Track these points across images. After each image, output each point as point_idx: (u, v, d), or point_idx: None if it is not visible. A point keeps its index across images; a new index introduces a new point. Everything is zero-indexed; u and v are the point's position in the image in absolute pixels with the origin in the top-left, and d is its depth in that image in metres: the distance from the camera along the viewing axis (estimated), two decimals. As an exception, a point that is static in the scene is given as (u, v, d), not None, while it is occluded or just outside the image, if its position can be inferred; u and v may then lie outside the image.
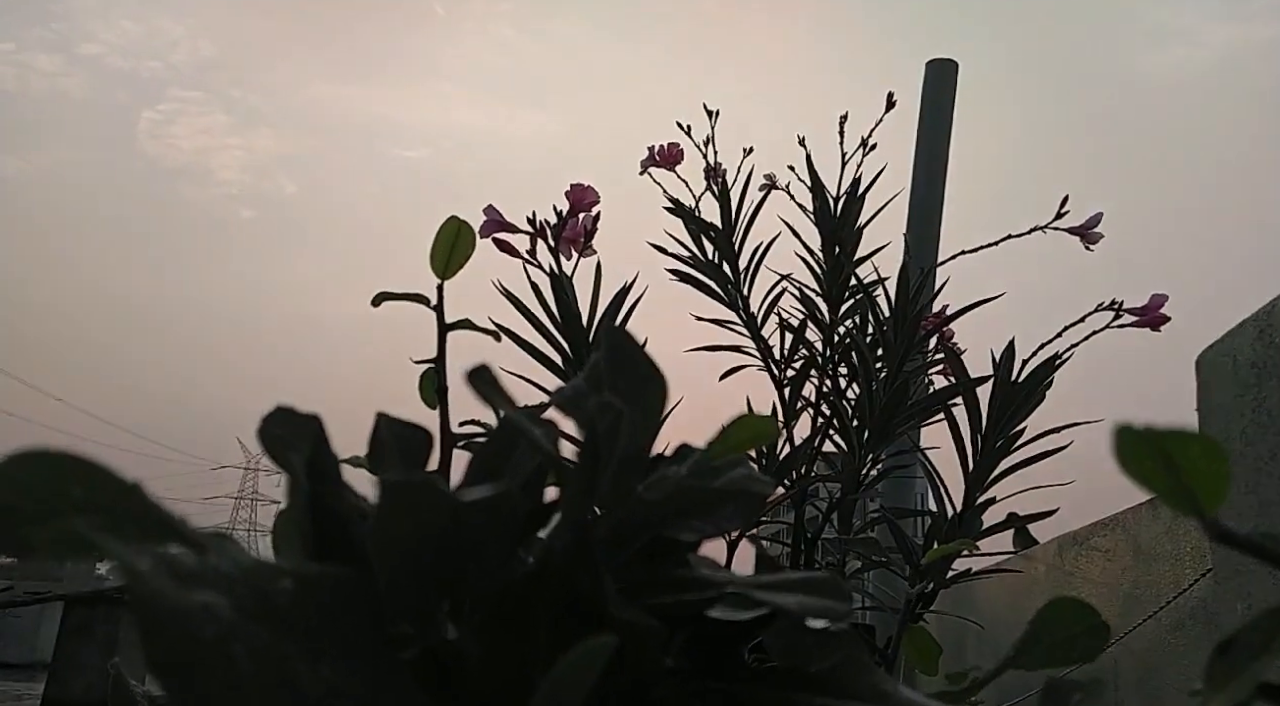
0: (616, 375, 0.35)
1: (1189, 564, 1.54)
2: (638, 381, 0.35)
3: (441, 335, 0.68)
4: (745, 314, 1.55)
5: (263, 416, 0.33)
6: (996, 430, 0.99)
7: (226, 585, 0.19)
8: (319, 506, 0.28)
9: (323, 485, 0.28)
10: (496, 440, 0.33)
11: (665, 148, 1.62)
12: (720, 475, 0.32)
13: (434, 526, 0.22)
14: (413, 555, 0.22)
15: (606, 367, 0.36)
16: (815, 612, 0.28)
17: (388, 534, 0.23)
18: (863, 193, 1.48)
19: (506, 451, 0.32)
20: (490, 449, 0.32)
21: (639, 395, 0.35)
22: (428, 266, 0.72)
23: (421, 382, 0.69)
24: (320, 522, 0.28)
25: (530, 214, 1.03)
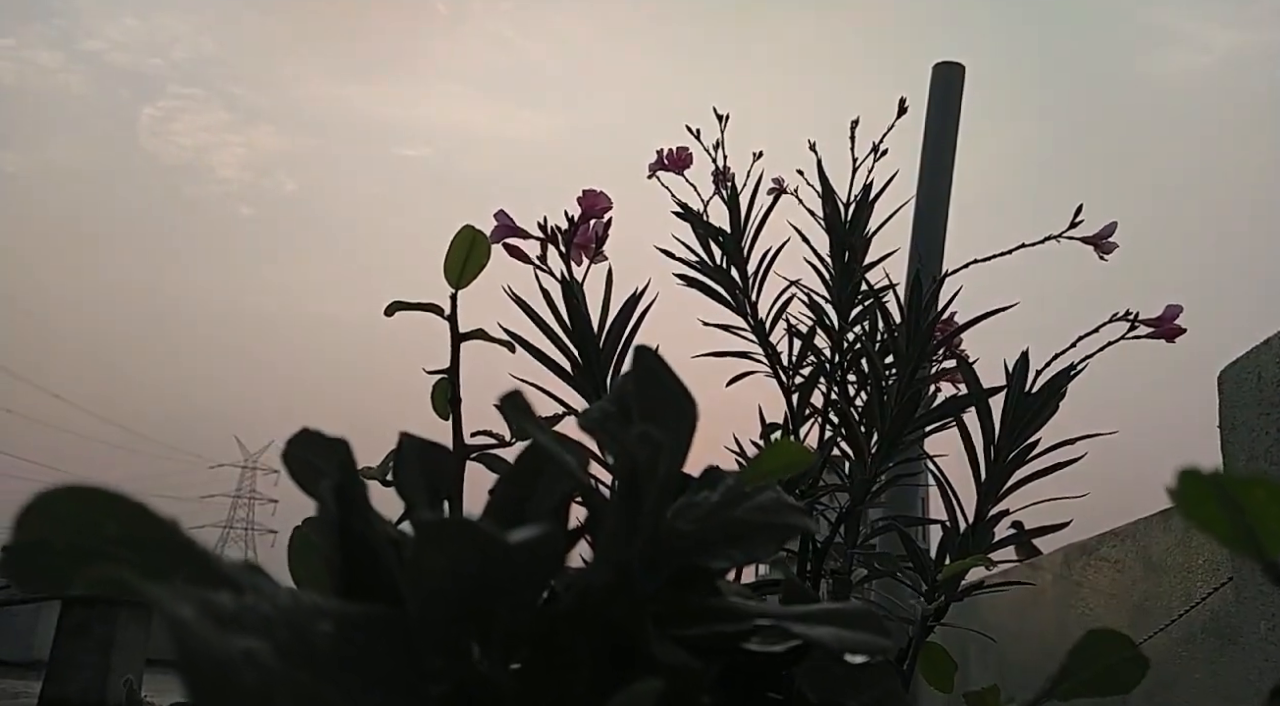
0: (645, 397, 0.35)
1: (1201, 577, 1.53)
2: (668, 404, 0.34)
3: (455, 346, 0.67)
4: (753, 319, 1.55)
5: (288, 439, 0.32)
6: (1010, 441, 0.99)
7: (267, 628, 0.18)
8: (348, 534, 0.28)
9: (351, 512, 0.28)
10: (525, 463, 0.32)
11: (674, 152, 1.62)
12: (752, 502, 0.32)
13: (472, 566, 0.21)
14: (449, 594, 0.22)
15: (635, 388, 0.35)
16: (853, 647, 0.27)
17: (424, 572, 0.22)
18: (874, 199, 1.47)
19: (534, 474, 0.32)
20: (518, 471, 0.32)
21: (669, 418, 0.34)
22: (428, 266, 0.71)
23: (434, 393, 0.68)
24: (349, 551, 0.28)
25: (541, 219, 1.03)
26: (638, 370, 0.36)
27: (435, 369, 0.67)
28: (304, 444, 0.31)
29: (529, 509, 0.30)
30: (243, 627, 0.18)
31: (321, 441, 0.31)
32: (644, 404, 0.35)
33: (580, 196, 1.00)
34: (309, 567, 0.46)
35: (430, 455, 0.38)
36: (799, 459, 0.30)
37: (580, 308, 1.00)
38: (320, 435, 0.31)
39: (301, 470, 0.31)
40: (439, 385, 0.67)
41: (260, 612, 0.19)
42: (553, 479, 0.30)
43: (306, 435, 0.31)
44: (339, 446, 0.31)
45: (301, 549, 0.46)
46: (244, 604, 0.19)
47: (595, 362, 1.00)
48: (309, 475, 0.31)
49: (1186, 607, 1.41)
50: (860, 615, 0.28)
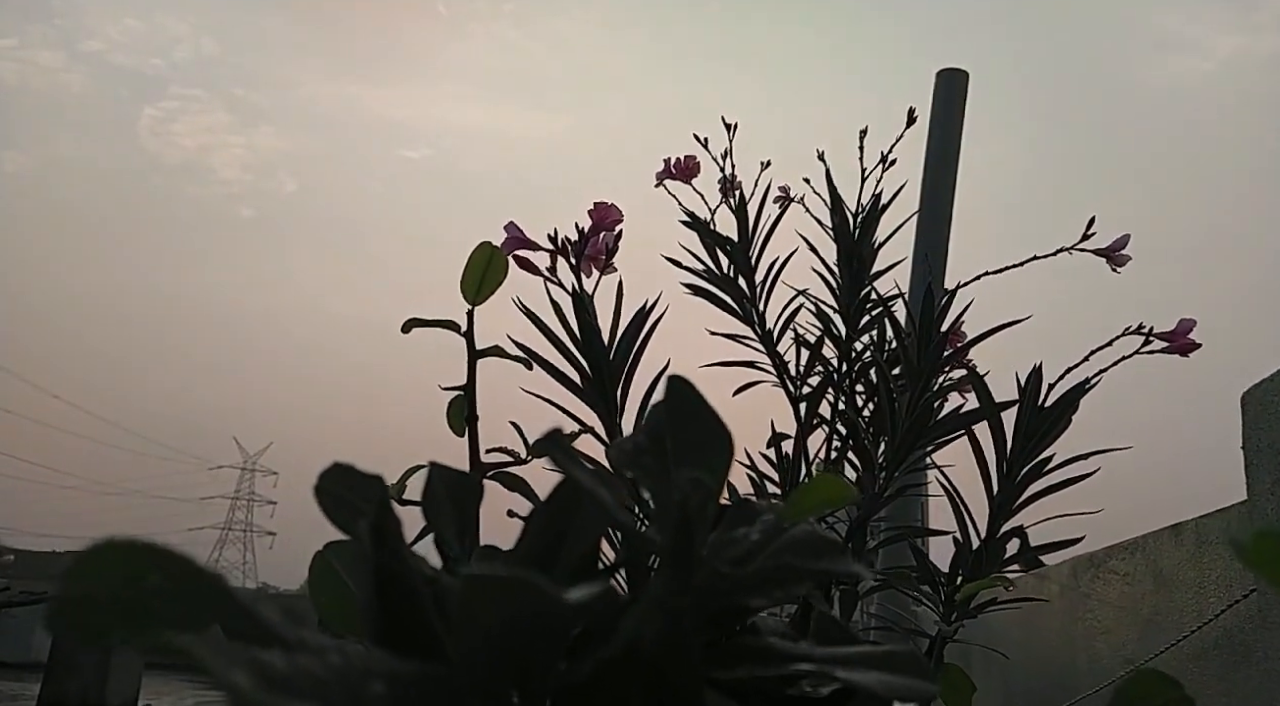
0: (679, 429, 0.34)
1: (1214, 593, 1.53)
2: (704, 438, 0.34)
3: (472, 362, 0.67)
4: (761, 329, 1.54)
5: (321, 472, 0.32)
6: (1023, 456, 0.98)
7: (320, 691, 0.18)
8: (384, 576, 0.27)
9: (388, 553, 0.27)
10: (559, 497, 0.31)
11: (681, 160, 1.61)
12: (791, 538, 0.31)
13: (525, 621, 0.21)
14: (497, 647, 0.21)
15: (668, 420, 0.35)
16: (901, 694, 0.27)
17: (471, 626, 0.22)
18: (883, 209, 1.47)
19: (569, 508, 0.31)
20: (552, 505, 0.31)
21: (704, 452, 0.34)
22: (429, 267, 0.71)
23: (450, 410, 0.68)
24: (385, 593, 0.27)
25: (551, 231, 1.02)
26: (671, 401, 0.35)
27: (451, 386, 0.67)
28: (337, 478, 0.31)
29: (564, 547, 0.30)
30: (297, 691, 0.17)
31: (355, 476, 0.30)
32: (679, 437, 0.34)
33: (591, 208, 1.00)
34: (330, 593, 0.46)
35: (458, 484, 0.37)
36: (840, 495, 0.30)
37: (591, 320, 0.99)
38: (353, 470, 0.31)
39: (334, 505, 0.31)
40: (455, 402, 0.67)
41: (313, 673, 0.18)
42: (589, 515, 0.30)
43: (339, 469, 0.31)
44: (373, 483, 0.30)
45: (323, 575, 0.46)
46: (296, 664, 0.18)
47: (606, 376, 1.00)
48: (342, 510, 0.31)
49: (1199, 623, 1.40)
50: (906, 659, 0.27)
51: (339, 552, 0.47)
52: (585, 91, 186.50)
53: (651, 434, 0.34)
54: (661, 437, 0.34)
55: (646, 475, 0.33)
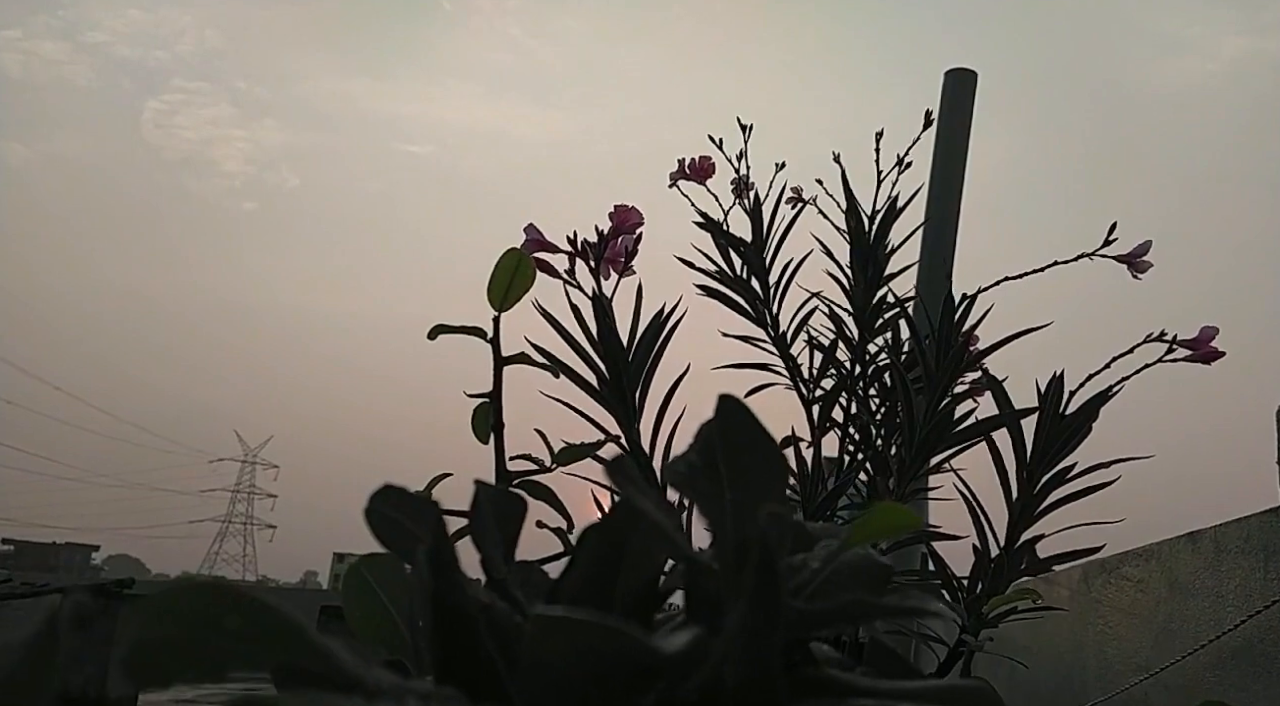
0: (732, 451, 0.34)
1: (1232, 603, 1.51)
2: (758, 459, 0.33)
3: (498, 369, 0.66)
4: (774, 331, 1.54)
5: (373, 493, 0.31)
6: (1043, 464, 0.97)
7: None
8: (441, 605, 0.26)
9: (446, 582, 0.27)
10: (615, 521, 0.31)
11: (696, 161, 1.60)
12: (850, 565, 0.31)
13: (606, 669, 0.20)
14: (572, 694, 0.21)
15: (721, 441, 0.34)
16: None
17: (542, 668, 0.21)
18: (899, 211, 1.46)
19: (626, 534, 0.31)
20: (607, 533, 0.31)
21: (758, 475, 0.33)
22: (430, 263, 0.70)
23: (475, 416, 0.67)
24: (443, 623, 0.26)
25: (571, 234, 1.01)
26: (723, 421, 0.34)
27: (477, 392, 0.66)
28: (389, 500, 0.30)
29: (621, 575, 0.29)
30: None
31: (407, 499, 0.30)
32: (732, 458, 0.33)
33: (612, 211, 0.99)
34: (365, 608, 0.45)
35: (505, 504, 0.36)
36: (905, 523, 0.29)
37: (610, 323, 0.99)
38: (406, 492, 0.30)
39: (385, 527, 0.30)
40: (481, 409, 0.66)
41: (397, 722, 0.18)
42: (646, 540, 0.29)
43: (391, 491, 0.30)
44: (429, 508, 0.29)
45: (357, 588, 0.45)
46: (380, 714, 0.18)
47: (625, 380, 0.99)
48: (393, 532, 0.30)
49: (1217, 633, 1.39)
50: (975, 694, 0.27)
51: (374, 567, 0.46)
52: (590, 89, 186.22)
53: (704, 455, 0.34)
54: (714, 459, 0.33)
55: (703, 499, 0.32)
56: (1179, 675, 1.53)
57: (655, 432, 1.01)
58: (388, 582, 0.46)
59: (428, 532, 0.28)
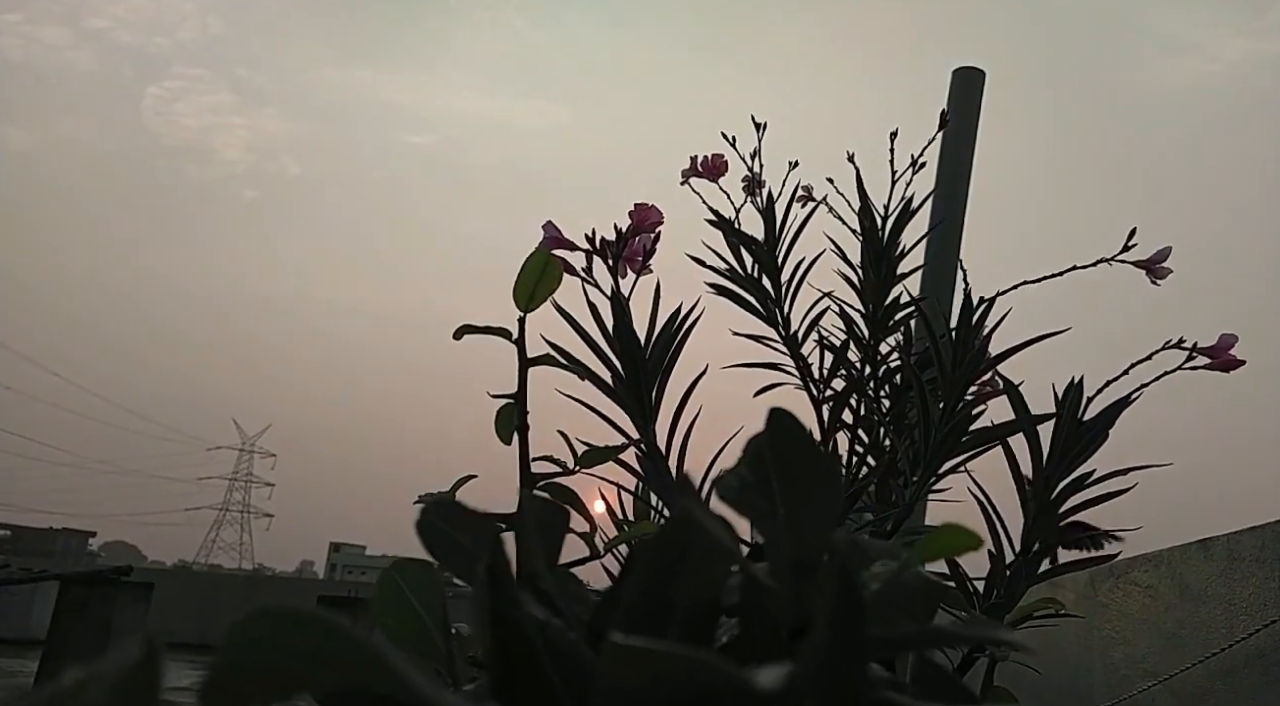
0: (784, 466, 0.33)
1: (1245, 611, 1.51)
2: (810, 475, 0.32)
3: (523, 370, 0.66)
4: (785, 331, 1.53)
5: (424, 505, 0.30)
6: (1060, 470, 0.97)
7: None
8: (501, 625, 0.26)
9: (505, 601, 0.26)
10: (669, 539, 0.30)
11: (709, 158, 1.60)
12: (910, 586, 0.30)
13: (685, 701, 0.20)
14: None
15: (772, 456, 0.34)
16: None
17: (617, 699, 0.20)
18: (914, 212, 1.46)
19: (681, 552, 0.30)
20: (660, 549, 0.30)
21: (812, 491, 0.32)
22: (431, 254, 0.70)
23: (498, 418, 0.67)
24: (503, 642, 0.26)
25: (589, 231, 1.01)
26: (774, 435, 0.34)
27: (501, 393, 0.66)
28: (441, 514, 0.30)
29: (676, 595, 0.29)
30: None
31: (461, 513, 0.29)
32: (784, 472, 0.33)
33: (632, 210, 0.98)
34: (396, 613, 0.45)
35: (550, 515, 0.36)
36: (967, 543, 0.29)
37: (628, 322, 0.98)
38: (461, 506, 0.30)
39: (437, 540, 0.30)
40: (504, 410, 0.65)
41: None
42: (707, 562, 0.29)
43: (445, 505, 0.30)
44: (483, 522, 0.29)
45: (389, 594, 0.45)
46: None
47: (642, 379, 0.99)
48: (445, 547, 0.30)
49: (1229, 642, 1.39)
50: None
51: (406, 573, 0.46)
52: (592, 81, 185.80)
53: (755, 469, 0.33)
54: (766, 474, 0.33)
55: (757, 516, 0.31)
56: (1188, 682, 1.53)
57: (671, 433, 1.01)
58: (420, 589, 0.46)
59: (486, 548, 0.27)
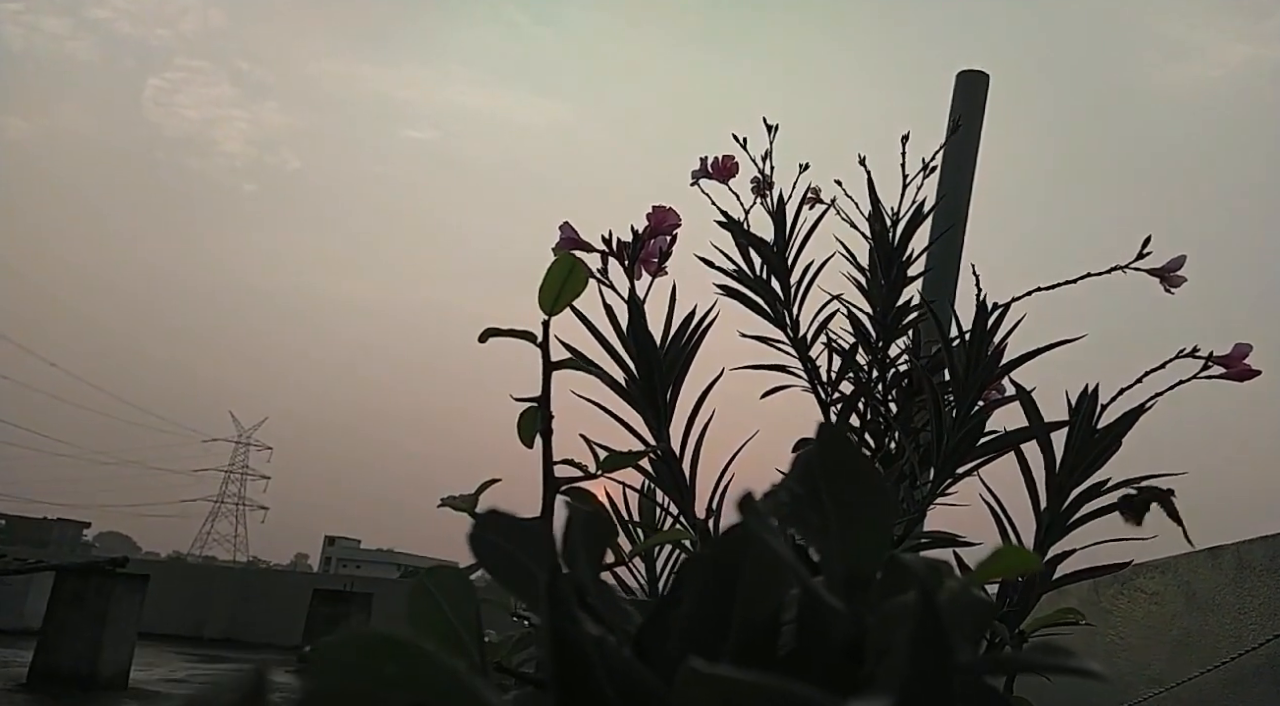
0: (835, 483, 0.33)
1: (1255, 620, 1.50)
2: (862, 493, 0.32)
3: (547, 374, 0.65)
4: (794, 333, 1.53)
5: (478, 518, 0.30)
6: (1073, 477, 0.97)
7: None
8: (561, 641, 0.26)
9: (564, 617, 0.26)
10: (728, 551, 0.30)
11: (719, 160, 1.59)
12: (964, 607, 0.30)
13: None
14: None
15: (823, 473, 0.33)
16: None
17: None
18: (926, 215, 1.45)
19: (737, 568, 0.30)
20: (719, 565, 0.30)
21: (864, 510, 0.32)
22: (431, 249, 0.69)
23: (521, 421, 0.66)
24: (563, 658, 0.26)
25: (605, 233, 1.01)
26: (825, 452, 0.34)
27: (524, 397, 0.65)
28: (495, 527, 0.29)
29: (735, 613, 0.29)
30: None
31: (517, 527, 0.29)
32: (835, 488, 0.33)
33: (649, 212, 0.98)
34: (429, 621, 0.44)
35: (595, 527, 0.36)
36: (1026, 563, 0.29)
37: (644, 325, 0.98)
38: (515, 520, 0.29)
39: (491, 554, 0.30)
40: (527, 414, 0.65)
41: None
42: (765, 578, 0.28)
43: (499, 518, 0.29)
44: (538, 536, 0.29)
45: (422, 602, 0.44)
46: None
47: (657, 381, 0.98)
48: (499, 561, 0.29)
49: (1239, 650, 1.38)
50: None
51: (438, 579, 0.46)
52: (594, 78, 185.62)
53: (806, 486, 0.33)
54: (818, 491, 0.33)
55: (810, 531, 0.31)
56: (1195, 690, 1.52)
57: (685, 435, 1.01)
58: (453, 595, 0.45)
59: (541, 562, 0.27)
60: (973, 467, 1.08)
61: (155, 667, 9.50)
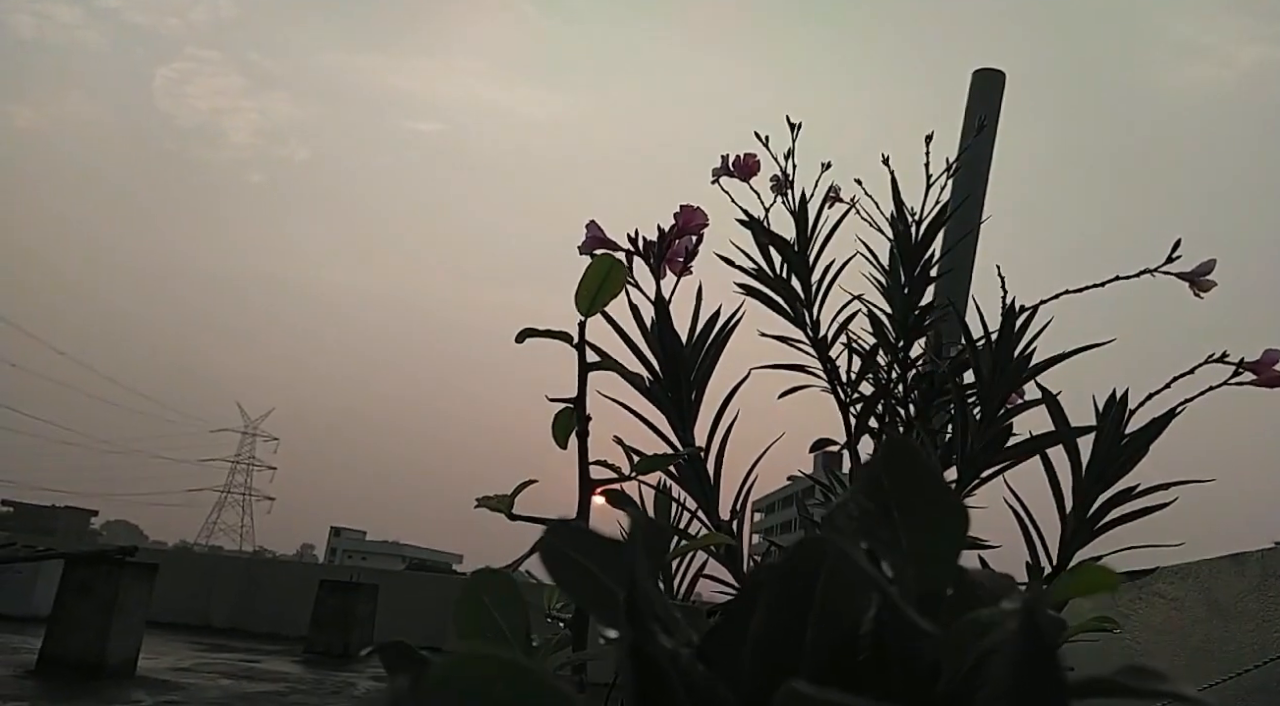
0: (906, 497, 0.32)
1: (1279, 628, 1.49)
2: (933, 507, 0.32)
3: (582, 375, 0.65)
4: (814, 333, 1.52)
5: (549, 527, 0.30)
6: (1100, 482, 0.96)
7: None
8: (642, 658, 0.25)
9: (644, 633, 0.26)
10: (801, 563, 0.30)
11: (741, 158, 1.58)
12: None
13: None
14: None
15: (892, 485, 0.33)
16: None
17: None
18: (949, 216, 1.45)
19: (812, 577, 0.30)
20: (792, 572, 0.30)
21: (935, 525, 0.32)
22: (436, 241, 0.69)
23: (556, 421, 0.66)
24: (643, 676, 0.25)
25: (631, 232, 1.00)
26: (893, 464, 0.33)
27: (559, 397, 0.65)
28: (568, 539, 0.29)
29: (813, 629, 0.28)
30: None
31: (591, 540, 0.29)
32: (906, 503, 0.32)
33: (678, 211, 0.98)
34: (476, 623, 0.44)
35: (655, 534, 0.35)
36: (1107, 583, 0.28)
37: (671, 325, 0.97)
38: (590, 532, 0.29)
39: (563, 567, 0.29)
40: (562, 415, 0.65)
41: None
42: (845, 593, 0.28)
43: (572, 530, 0.29)
44: (615, 550, 0.28)
45: (470, 604, 0.44)
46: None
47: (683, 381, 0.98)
48: (571, 573, 0.29)
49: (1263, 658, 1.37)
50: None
51: (486, 585, 0.45)
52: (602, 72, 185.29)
53: (875, 498, 0.32)
54: (887, 504, 0.32)
55: (882, 546, 0.31)
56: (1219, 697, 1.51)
57: (711, 435, 1.00)
58: (501, 601, 0.45)
59: (622, 579, 0.27)
60: (998, 471, 1.08)
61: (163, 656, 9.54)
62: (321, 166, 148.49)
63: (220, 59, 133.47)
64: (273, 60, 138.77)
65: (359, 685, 8.83)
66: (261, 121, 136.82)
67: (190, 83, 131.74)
